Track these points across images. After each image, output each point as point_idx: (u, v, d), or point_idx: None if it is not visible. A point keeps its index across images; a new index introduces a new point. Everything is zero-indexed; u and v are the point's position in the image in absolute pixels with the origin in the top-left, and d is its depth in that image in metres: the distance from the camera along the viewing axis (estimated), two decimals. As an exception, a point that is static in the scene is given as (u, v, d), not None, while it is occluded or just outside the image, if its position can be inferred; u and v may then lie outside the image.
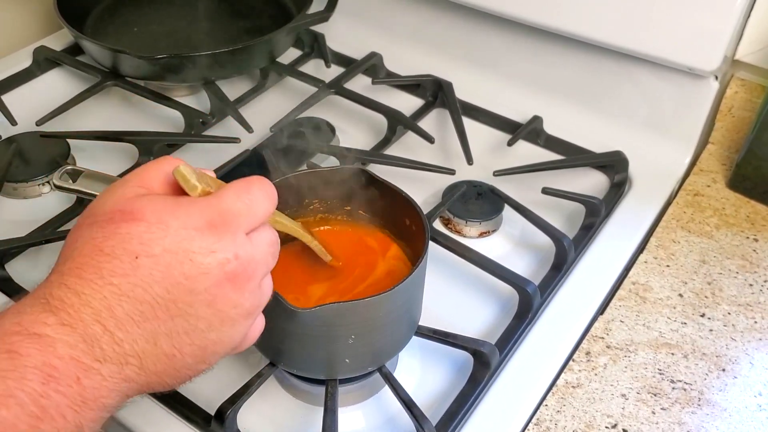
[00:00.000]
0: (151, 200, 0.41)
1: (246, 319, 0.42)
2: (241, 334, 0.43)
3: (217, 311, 0.40)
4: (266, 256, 0.43)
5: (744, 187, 0.75)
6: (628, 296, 0.65)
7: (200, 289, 0.39)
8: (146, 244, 0.39)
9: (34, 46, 0.91)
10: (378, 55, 0.92)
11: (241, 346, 0.45)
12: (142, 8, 0.96)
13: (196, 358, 0.41)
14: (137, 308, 0.38)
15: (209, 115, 0.83)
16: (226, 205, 0.41)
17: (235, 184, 0.42)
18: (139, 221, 0.39)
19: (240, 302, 0.41)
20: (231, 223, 0.40)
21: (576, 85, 0.83)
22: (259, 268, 0.42)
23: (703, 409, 0.56)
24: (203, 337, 0.41)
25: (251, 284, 0.42)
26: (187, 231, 0.39)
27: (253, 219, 0.42)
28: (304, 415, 0.57)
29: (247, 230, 0.42)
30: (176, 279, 0.39)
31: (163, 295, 0.39)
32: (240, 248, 0.40)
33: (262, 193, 0.43)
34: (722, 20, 0.70)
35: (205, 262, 0.39)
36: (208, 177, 0.44)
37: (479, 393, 0.57)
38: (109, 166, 0.77)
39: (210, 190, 0.42)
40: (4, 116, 0.81)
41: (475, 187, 0.74)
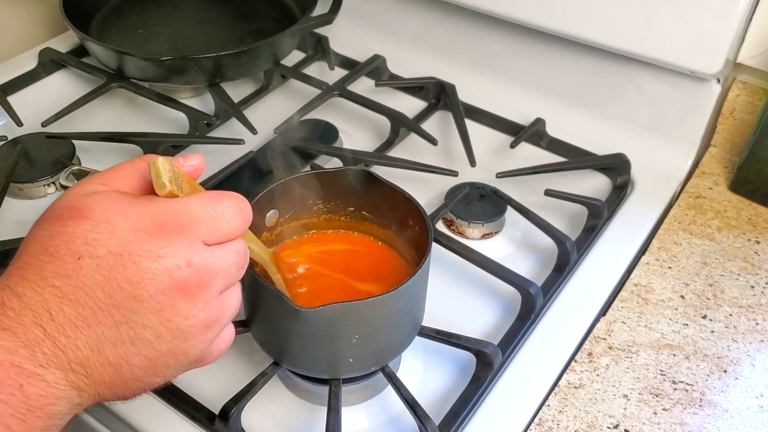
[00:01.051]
0: (104, 197, 0.39)
1: (202, 332, 0.40)
2: (199, 348, 0.40)
3: (166, 321, 0.38)
4: (228, 266, 0.40)
5: (746, 189, 0.75)
6: (630, 297, 0.65)
7: (145, 295, 0.37)
8: (90, 244, 0.37)
9: (40, 47, 0.91)
10: (381, 57, 0.92)
11: (204, 360, 0.43)
12: (146, 10, 0.97)
13: (146, 371, 0.39)
14: (79, 312, 0.36)
15: (213, 117, 0.84)
16: (186, 209, 0.39)
17: (204, 194, 0.40)
18: (85, 219, 0.37)
19: (192, 313, 0.39)
20: (186, 228, 0.38)
21: (578, 87, 0.84)
22: (217, 278, 0.39)
23: (705, 410, 0.56)
24: (152, 348, 0.38)
25: (206, 294, 0.39)
26: (135, 233, 0.37)
27: (215, 231, 0.39)
28: (308, 415, 0.58)
29: (207, 240, 0.39)
30: (119, 283, 0.37)
31: (105, 299, 0.37)
32: (195, 255, 0.38)
33: (232, 210, 0.40)
34: (724, 23, 0.70)
35: (152, 267, 0.37)
36: (187, 182, 0.41)
37: (482, 393, 0.57)
38: (114, 167, 0.78)
39: (179, 194, 0.40)
40: (10, 117, 0.81)
41: (477, 189, 0.74)
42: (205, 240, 0.39)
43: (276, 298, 0.49)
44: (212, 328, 0.40)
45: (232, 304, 0.42)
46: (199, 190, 0.42)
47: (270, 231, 0.59)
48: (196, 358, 0.41)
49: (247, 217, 0.42)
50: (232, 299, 0.42)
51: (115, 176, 0.41)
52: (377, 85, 0.89)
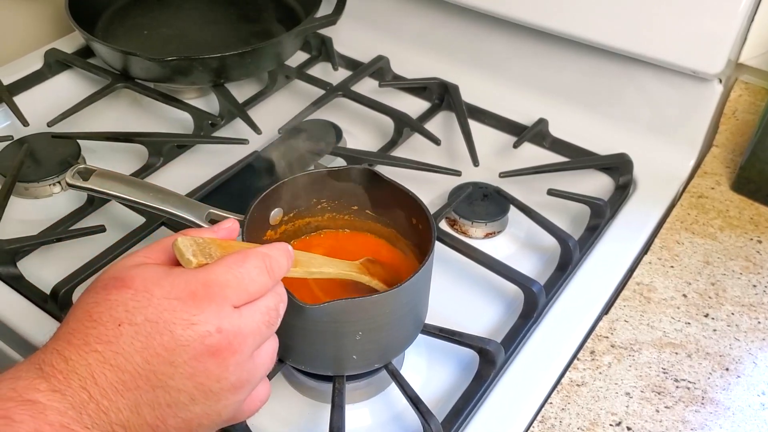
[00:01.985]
0: (145, 269, 0.41)
1: (233, 393, 0.42)
2: (231, 408, 0.42)
3: (199, 384, 0.40)
4: (258, 327, 0.42)
5: (748, 189, 0.76)
6: (632, 296, 0.65)
7: (180, 361, 0.39)
8: (130, 312, 0.39)
9: (46, 48, 0.92)
10: (385, 58, 0.93)
11: (237, 418, 0.45)
12: (151, 11, 0.97)
13: (180, 431, 0.41)
14: (119, 377, 0.38)
15: (218, 117, 0.84)
16: (214, 276, 0.41)
17: (230, 256, 0.42)
18: (127, 288, 0.40)
19: (224, 376, 0.40)
20: (216, 294, 0.40)
21: (581, 88, 0.84)
22: (247, 342, 0.41)
23: (707, 408, 0.57)
24: (187, 410, 0.40)
25: (237, 357, 0.41)
26: (169, 301, 0.39)
27: (243, 293, 0.41)
28: (312, 412, 0.58)
29: (236, 303, 0.41)
30: (156, 350, 0.39)
31: (143, 365, 0.39)
32: (224, 321, 0.40)
33: (258, 269, 0.42)
34: (726, 23, 0.70)
35: (185, 335, 0.39)
36: (218, 246, 0.43)
37: (485, 390, 0.57)
38: (119, 166, 0.78)
39: (208, 261, 0.42)
40: (16, 117, 0.82)
41: (480, 189, 0.75)
42: (234, 302, 0.41)
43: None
44: (243, 388, 0.42)
45: (263, 362, 0.44)
46: (232, 249, 0.44)
47: (274, 229, 0.60)
48: (229, 417, 0.43)
49: (280, 268, 0.44)
50: (264, 358, 0.44)
51: (155, 249, 0.44)
52: (381, 86, 0.89)
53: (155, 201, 0.54)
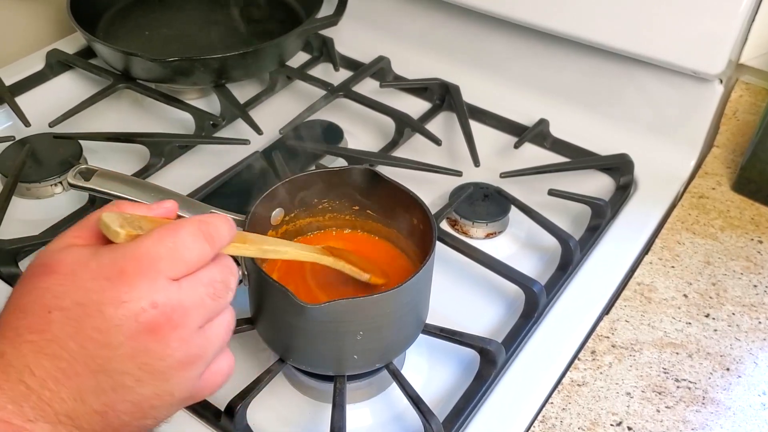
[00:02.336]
0: (71, 252, 0.39)
1: (183, 370, 0.39)
2: (185, 386, 0.40)
3: (142, 364, 0.38)
4: (201, 299, 0.39)
5: (748, 189, 0.76)
6: (633, 296, 0.65)
7: (116, 343, 0.37)
8: (59, 297, 0.37)
9: (47, 49, 0.92)
10: (386, 58, 0.93)
11: (198, 395, 0.42)
12: (153, 12, 0.98)
13: (133, 415, 0.39)
14: (57, 365, 0.37)
15: (219, 118, 0.85)
16: (144, 249, 0.38)
17: (162, 227, 0.39)
18: (54, 273, 0.38)
19: (168, 353, 0.38)
20: (147, 268, 0.37)
21: (582, 88, 0.84)
22: (189, 315, 0.39)
23: (708, 408, 0.57)
24: (134, 393, 0.38)
25: (180, 332, 0.38)
26: (98, 281, 0.37)
27: (179, 263, 0.39)
28: (313, 412, 0.58)
29: (173, 275, 0.38)
30: (88, 333, 0.37)
31: (79, 350, 0.37)
32: (158, 294, 0.37)
33: (194, 236, 0.39)
34: (726, 24, 0.70)
35: (117, 314, 0.37)
36: (149, 221, 0.41)
37: (486, 390, 0.57)
38: (121, 166, 0.78)
39: (139, 233, 0.39)
40: (18, 118, 0.82)
41: (481, 189, 0.75)
42: (170, 275, 0.38)
43: (281, 295, 0.49)
44: (194, 364, 0.40)
45: (216, 336, 0.41)
46: (162, 221, 0.41)
47: (275, 229, 0.60)
48: (186, 396, 0.41)
49: (219, 236, 0.41)
50: (216, 331, 0.41)
51: (85, 229, 0.42)
52: (382, 86, 0.90)
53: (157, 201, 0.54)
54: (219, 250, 0.41)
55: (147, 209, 0.43)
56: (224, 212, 0.55)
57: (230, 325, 0.43)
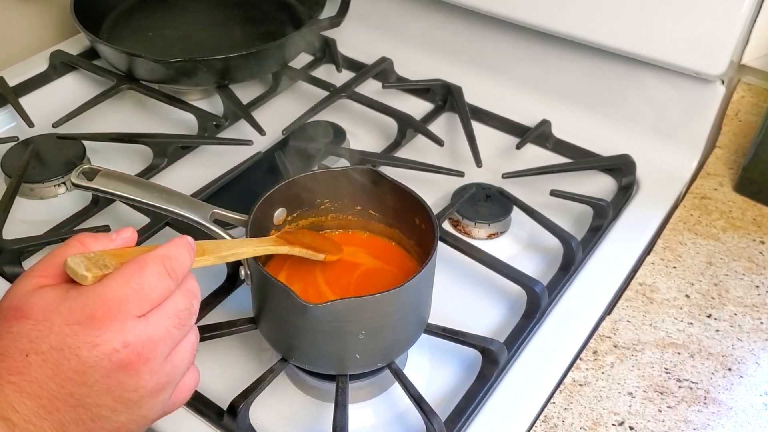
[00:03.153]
0: (42, 296, 0.41)
1: (154, 397, 0.42)
2: (157, 409, 0.43)
3: (117, 397, 0.41)
4: (168, 331, 0.42)
5: (750, 190, 0.76)
6: (635, 297, 0.65)
7: (92, 381, 0.40)
8: (35, 342, 0.39)
9: (51, 50, 0.92)
10: (388, 60, 0.93)
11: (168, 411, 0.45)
12: (156, 13, 0.98)
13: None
14: (38, 403, 0.39)
15: (222, 118, 0.85)
16: (111, 292, 0.41)
17: (127, 267, 0.42)
18: (26, 319, 0.40)
19: (140, 385, 0.41)
20: (115, 312, 0.40)
21: (584, 89, 0.84)
22: (158, 348, 0.42)
23: (709, 408, 0.57)
24: (111, 421, 0.41)
25: (150, 365, 0.41)
26: (70, 327, 0.40)
27: (145, 302, 0.41)
28: (315, 411, 0.58)
29: (139, 314, 0.41)
30: (66, 374, 0.39)
31: (57, 390, 0.39)
32: (128, 335, 0.40)
33: (157, 275, 0.42)
34: (728, 25, 0.70)
35: (92, 356, 0.39)
36: (113, 256, 0.43)
37: (488, 390, 0.57)
38: (124, 167, 0.79)
39: (106, 272, 0.41)
40: (22, 118, 0.82)
41: (483, 189, 0.75)
42: (137, 314, 0.41)
43: (284, 295, 0.50)
44: (164, 390, 0.43)
45: (182, 359, 0.44)
46: (128, 256, 0.43)
47: (278, 229, 0.60)
48: (159, 415, 0.44)
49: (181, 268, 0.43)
50: (182, 355, 0.44)
51: (50, 266, 0.43)
52: (384, 87, 0.90)
53: (160, 201, 0.55)
54: (181, 278, 0.44)
55: (108, 240, 0.45)
56: (228, 212, 0.55)
57: (194, 346, 0.46)
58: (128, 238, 0.46)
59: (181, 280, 0.44)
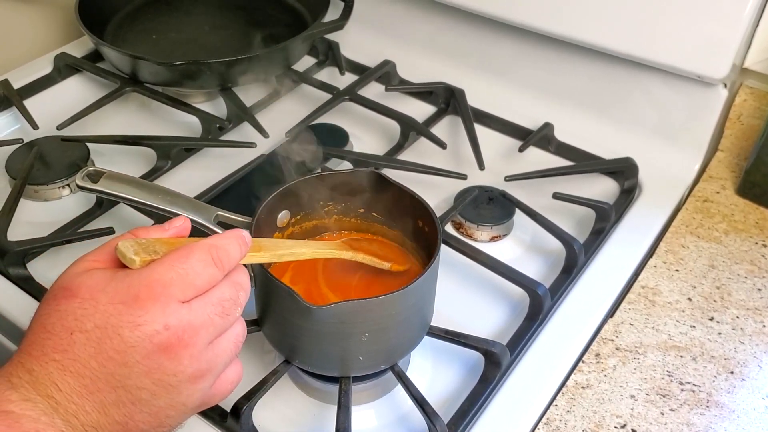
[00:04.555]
0: (90, 276, 0.42)
1: (193, 383, 0.43)
2: (196, 397, 0.44)
3: (157, 380, 0.41)
4: (210, 319, 0.43)
5: (753, 193, 0.76)
6: (637, 299, 0.66)
7: (132, 361, 0.40)
8: (80, 320, 0.41)
9: (56, 52, 0.93)
10: (391, 62, 0.93)
11: (209, 403, 0.46)
12: (160, 16, 0.98)
13: (150, 424, 0.42)
14: (80, 382, 0.40)
15: (226, 121, 0.85)
16: (156, 275, 0.41)
17: (174, 253, 0.43)
18: (74, 297, 0.41)
19: (179, 370, 0.42)
20: (159, 294, 0.41)
21: (586, 92, 0.84)
22: (199, 334, 0.42)
23: (712, 411, 0.57)
24: (150, 405, 0.42)
25: (191, 350, 0.42)
26: (114, 306, 0.41)
27: (189, 288, 0.42)
28: (318, 413, 0.58)
29: (183, 298, 0.42)
30: (108, 354, 0.40)
31: (99, 369, 0.40)
32: (170, 317, 0.41)
33: (203, 262, 0.43)
34: (731, 28, 0.71)
35: (133, 336, 0.40)
36: (164, 244, 0.44)
37: (490, 392, 0.57)
38: (128, 169, 0.79)
39: (155, 258, 0.42)
40: (26, 120, 0.82)
41: (486, 192, 0.75)
42: (181, 298, 0.42)
43: (287, 297, 0.50)
44: (204, 377, 0.43)
45: (225, 350, 0.45)
46: (178, 245, 0.44)
47: (281, 231, 0.60)
48: (198, 405, 0.45)
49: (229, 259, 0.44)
50: (225, 345, 0.45)
51: (103, 254, 0.45)
52: (387, 90, 0.90)
53: (164, 203, 0.55)
54: (229, 269, 0.45)
55: (161, 231, 0.47)
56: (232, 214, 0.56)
57: (239, 338, 0.46)
58: (181, 226, 0.48)
59: (228, 271, 0.44)
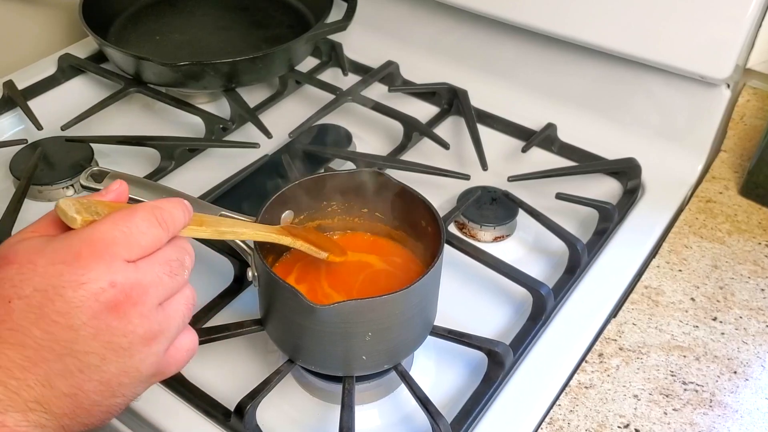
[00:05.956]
0: (28, 242, 0.40)
1: (146, 345, 0.41)
2: (149, 362, 0.41)
3: (106, 343, 0.39)
4: (159, 278, 0.41)
5: (756, 194, 0.76)
6: (640, 300, 0.66)
7: (78, 323, 0.38)
8: (18, 286, 0.38)
9: (59, 53, 0.93)
10: (394, 63, 0.94)
11: (164, 372, 0.44)
12: (163, 17, 0.99)
13: (102, 394, 0.40)
14: (22, 353, 0.37)
15: (229, 121, 0.85)
16: (99, 233, 0.39)
17: (117, 213, 0.41)
18: (11, 264, 0.39)
19: (129, 329, 0.39)
20: (103, 251, 0.39)
21: (589, 93, 0.85)
22: (148, 292, 0.40)
23: (715, 411, 0.57)
24: (100, 371, 0.39)
25: (140, 309, 0.40)
26: (55, 266, 0.38)
27: (134, 246, 0.40)
28: (321, 413, 0.58)
29: (128, 257, 0.40)
30: (51, 318, 0.38)
31: (43, 336, 0.38)
32: (116, 275, 0.39)
33: (147, 221, 0.41)
34: (734, 29, 0.71)
35: (77, 296, 0.38)
36: (106, 206, 0.42)
37: (493, 392, 0.58)
38: (132, 169, 0.79)
39: (95, 218, 0.41)
40: (30, 121, 0.83)
41: (489, 193, 0.75)
42: (126, 257, 0.40)
43: (291, 296, 0.50)
44: (156, 339, 0.41)
45: (176, 311, 0.43)
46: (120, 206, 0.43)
47: (285, 231, 0.60)
48: (152, 372, 0.42)
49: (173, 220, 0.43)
50: (176, 307, 0.43)
51: (42, 223, 0.43)
52: (390, 91, 0.90)
53: (168, 203, 0.55)
54: (174, 234, 0.43)
55: (99, 196, 0.45)
56: (236, 214, 0.56)
57: (189, 300, 0.44)
58: (119, 190, 0.45)
59: (173, 234, 0.43)
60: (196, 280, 0.66)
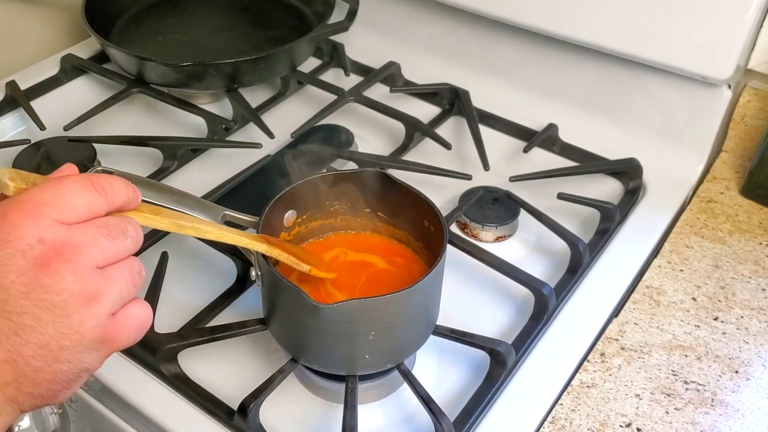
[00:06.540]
0: None
1: (83, 305, 0.39)
2: (90, 324, 0.39)
3: (39, 301, 0.37)
4: (94, 238, 0.39)
5: (757, 194, 0.76)
6: (642, 299, 0.66)
7: (7, 282, 0.37)
8: None
9: (62, 54, 0.93)
10: (396, 64, 0.94)
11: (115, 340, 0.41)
12: (166, 18, 0.99)
13: (44, 359, 0.38)
14: None
15: (232, 122, 0.85)
16: (27, 195, 0.39)
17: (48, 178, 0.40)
18: None
19: (62, 287, 0.38)
20: (31, 210, 0.38)
21: (591, 93, 0.85)
22: (81, 252, 0.39)
23: (716, 410, 0.57)
24: (37, 333, 0.37)
25: (72, 266, 0.38)
26: None
27: (66, 207, 0.39)
28: (324, 412, 0.59)
29: (60, 218, 0.39)
30: None
31: None
32: (45, 232, 0.38)
33: (79, 183, 0.40)
34: (735, 29, 0.71)
35: (4, 254, 0.37)
36: (40, 178, 0.41)
37: (496, 391, 0.58)
38: (134, 170, 0.79)
39: (29, 187, 0.40)
40: (33, 121, 0.83)
41: (491, 193, 0.75)
42: (56, 217, 0.38)
43: (295, 295, 0.50)
44: (96, 300, 0.39)
45: (118, 276, 0.41)
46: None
47: (288, 231, 0.61)
48: (97, 337, 0.40)
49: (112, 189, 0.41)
50: (118, 272, 0.41)
51: None
52: (392, 91, 0.90)
53: (171, 202, 0.55)
54: (115, 204, 0.42)
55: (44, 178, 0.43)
56: (239, 213, 0.56)
57: (134, 269, 0.42)
58: (65, 170, 0.44)
59: (112, 202, 0.41)
60: (199, 279, 0.66)
